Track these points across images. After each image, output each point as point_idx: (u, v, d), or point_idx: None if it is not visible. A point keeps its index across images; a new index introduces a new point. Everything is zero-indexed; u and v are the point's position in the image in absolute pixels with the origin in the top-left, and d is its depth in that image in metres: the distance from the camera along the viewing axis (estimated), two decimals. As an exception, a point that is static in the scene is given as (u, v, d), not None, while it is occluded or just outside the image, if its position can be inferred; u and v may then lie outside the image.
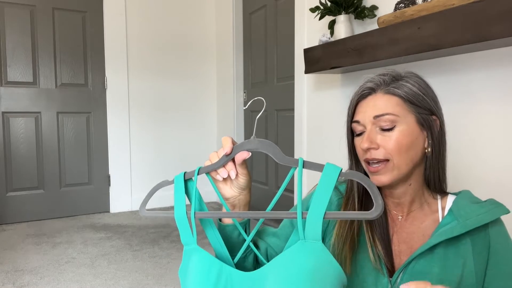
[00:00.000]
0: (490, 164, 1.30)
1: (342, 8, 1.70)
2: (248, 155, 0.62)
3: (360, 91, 0.73)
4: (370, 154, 0.69)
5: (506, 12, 1.04)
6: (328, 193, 0.54)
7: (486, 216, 0.65)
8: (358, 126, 0.72)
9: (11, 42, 2.75)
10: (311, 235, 0.55)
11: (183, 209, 0.63)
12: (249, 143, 0.61)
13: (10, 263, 2.06)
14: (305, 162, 0.57)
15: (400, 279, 0.68)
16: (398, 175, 0.69)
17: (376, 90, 0.71)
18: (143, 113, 3.19)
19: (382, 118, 0.68)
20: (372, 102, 0.70)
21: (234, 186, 0.67)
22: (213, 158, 0.65)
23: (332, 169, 0.55)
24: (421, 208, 0.74)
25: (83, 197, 3.03)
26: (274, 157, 0.61)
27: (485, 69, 1.29)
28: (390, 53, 1.40)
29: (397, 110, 0.68)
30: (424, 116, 0.69)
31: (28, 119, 2.84)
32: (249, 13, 3.02)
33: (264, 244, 0.77)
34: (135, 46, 3.11)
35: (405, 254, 0.71)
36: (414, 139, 0.69)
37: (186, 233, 0.63)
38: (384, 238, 0.72)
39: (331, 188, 0.54)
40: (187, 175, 0.64)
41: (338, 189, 0.80)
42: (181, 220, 0.63)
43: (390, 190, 0.74)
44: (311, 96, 2.19)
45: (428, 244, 0.65)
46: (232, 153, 0.62)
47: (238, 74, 3.14)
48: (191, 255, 0.63)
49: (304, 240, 0.55)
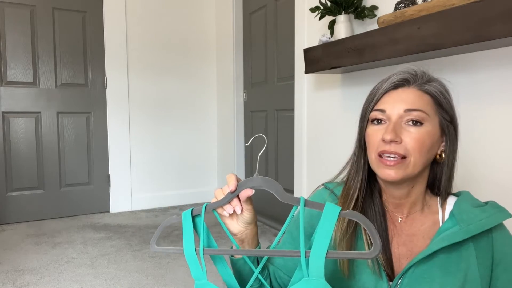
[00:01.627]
0: (490, 164, 1.30)
1: (342, 8, 1.70)
2: (252, 192, 0.64)
3: (394, 79, 0.69)
4: (390, 147, 0.66)
5: (506, 12, 1.04)
6: (329, 232, 0.56)
7: (489, 221, 0.64)
8: (381, 115, 0.69)
9: (11, 42, 2.75)
10: (315, 272, 0.57)
11: (191, 245, 0.64)
12: (252, 181, 0.64)
13: (10, 263, 2.06)
14: (306, 201, 0.59)
15: (400, 284, 0.67)
16: (410, 174, 0.67)
17: (410, 84, 0.69)
18: (143, 113, 3.19)
19: (414, 114, 0.66)
20: (405, 94, 0.68)
21: (240, 221, 0.68)
22: (218, 194, 0.67)
23: (332, 209, 0.57)
24: (421, 211, 0.73)
25: (83, 197, 3.03)
26: (277, 195, 0.62)
27: (485, 69, 1.29)
28: (390, 53, 1.40)
29: (428, 109, 0.67)
30: (446, 122, 0.69)
31: (28, 119, 2.84)
32: (249, 13, 3.02)
33: (272, 267, 0.78)
34: (135, 46, 3.11)
35: (405, 257, 0.70)
36: (434, 141, 0.68)
37: (196, 269, 0.65)
38: (383, 241, 0.70)
39: (332, 227, 0.56)
40: (194, 212, 0.66)
41: (334, 193, 0.78)
42: (191, 256, 0.64)
43: (393, 189, 0.72)
44: (311, 96, 2.19)
45: (430, 250, 0.64)
46: (237, 190, 0.64)
47: (238, 74, 3.14)
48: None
49: (308, 278, 0.57)
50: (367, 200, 0.73)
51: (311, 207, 0.59)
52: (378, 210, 0.72)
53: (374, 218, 0.72)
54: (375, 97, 0.70)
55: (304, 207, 0.59)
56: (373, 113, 0.70)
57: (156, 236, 0.69)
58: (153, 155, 3.24)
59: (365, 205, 0.72)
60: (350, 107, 1.92)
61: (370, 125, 0.71)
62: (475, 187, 1.32)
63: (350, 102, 1.92)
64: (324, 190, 0.80)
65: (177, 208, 3.27)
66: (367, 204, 0.73)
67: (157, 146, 3.26)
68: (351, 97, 1.91)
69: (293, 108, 2.38)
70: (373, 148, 0.69)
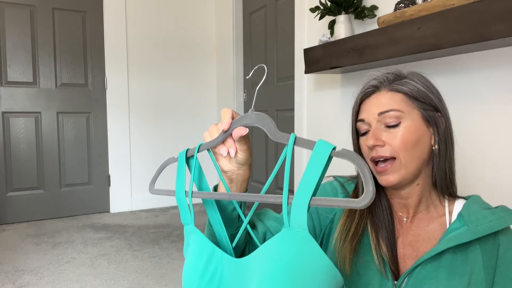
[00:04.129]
0: (490, 165, 1.30)
1: (342, 8, 1.70)
2: (246, 131, 0.60)
3: (364, 89, 0.73)
4: (376, 151, 0.68)
5: (506, 12, 1.04)
6: (317, 175, 0.49)
7: (497, 223, 0.63)
8: (363, 125, 0.71)
9: (11, 42, 2.75)
10: (296, 222, 0.49)
11: (182, 188, 0.63)
12: (247, 118, 0.59)
13: (10, 263, 2.06)
14: (297, 138, 0.53)
15: (406, 284, 0.66)
16: (406, 174, 0.67)
17: (380, 88, 0.71)
18: (143, 113, 3.19)
19: (387, 115, 0.67)
20: (376, 99, 0.70)
21: (233, 161, 0.65)
22: (212, 131, 0.64)
23: (324, 146, 0.50)
24: (427, 211, 0.72)
25: (83, 197, 3.03)
26: (268, 132, 0.57)
27: (485, 69, 1.29)
28: (390, 53, 1.40)
29: (401, 106, 0.67)
30: (429, 112, 0.68)
31: (28, 119, 2.84)
32: (249, 13, 3.02)
33: (263, 227, 0.73)
34: (135, 46, 3.11)
35: (410, 258, 0.70)
36: (420, 135, 0.67)
37: (185, 213, 0.64)
38: (391, 240, 0.70)
39: (321, 168, 0.49)
40: (189, 153, 0.64)
41: (345, 188, 0.78)
42: (180, 199, 0.63)
43: (397, 190, 0.72)
44: (311, 96, 2.19)
45: (436, 250, 0.64)
46: (230, 128, 0.61)
47: (238, 74, 3.14)
48: (190, 234, 0.64)
49: (289, 228, 0.50)
50: (375, 200, 0.73)
51: (302, 145, 0.53)
52: (385, 209, 0.73)
53: (382, 218, 0.72)
54: (354, 109, 0.74)
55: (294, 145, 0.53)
56: (357, 124, 0.73)
57: (155, 178, 0.70)
58: (153, 155, 3.24)
59: (373, 205, 0.73)
60: (350, 107, 1.91)
61: (360, 137, 0.73)
62: (475, 188, 1.32)
63: (350, 102, 1.92)
64: (334, 182, 0.80)
65: (177, 208, 3.26)
66: (375, 204, 0.73)
67: (157, 146, 3.26)
68: (351, 97, 1.90)
69: (293, 108, 2.38)
70: (367, 158, 0.71)
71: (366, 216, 0.72)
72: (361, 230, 0.71)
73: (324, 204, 0.49)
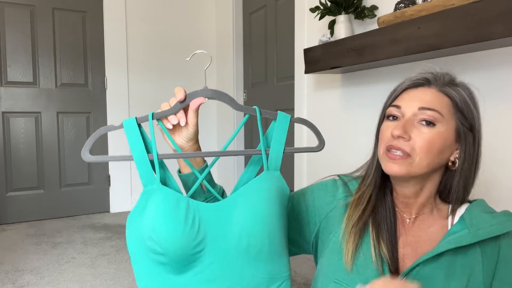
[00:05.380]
0: (489, 165, 1.30)
1: (342, 8, 1.70)
2: (205, 100, 0.66)
3: (415, 78, 0.70)
4: (398, 142, 0.66)
5: (506, 12, 1.04)
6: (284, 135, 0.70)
7: (498, 228, 0.63)
8: (396, 111, 0.69)
9: (11, 42, 2.75)
10: (273, 166, 0.69)
11: (142, 149, 0.64)
12: (203, 92, 0.65)
13: (10, 263, 2.06)
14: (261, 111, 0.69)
15: None
16: (413, 172, 0.66)
17: (431, 84, 0.68)
18: (143, 113, 3.15)
19: (427, 112, 0.65)
20: (423, 93, 0.67)
21: (182, 136, 0.69)
22: (164, 107, 0.66)
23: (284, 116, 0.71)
24: (430, 213, 0.72)
25: (83, 197, 3.03)
26: (231, 105, 0.69)
27: (485, 69, 1.29)
28: (390, 53, 1.40)
29: (444, 111, 0.65)
30: (464, 128, 0.66)
31: (28, 119, 2.84)
32: (249, 13, 3.02)
33: None
34: (135, 46, 3.11)
35: (409, 258, 0.70)
36: (446, 145, 0.66)
37: (147, 174, 0.64)
38: (392, 240, 0.70)
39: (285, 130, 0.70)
40: (139, 119, 0.65)
41: (348, 187, 0.78)
42: (142, 160, 0.64)
43: (401, 187, 0.71)
44: (311, 96, 2.19)
45: (436, 251, 0.64)
46: (186, 100, 0.64)
47: (238, 74, 3.14)
48: (151, 195, 0.63)
49: (267, 170, 0.69)
50: (379, 197, 0.73)
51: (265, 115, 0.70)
52: (388, 208, 0.72)
53: (384, 216, 0.71)
54: (395, 93, 0.71)
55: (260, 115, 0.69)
56: (389, 108, 0.70)
57: (89, 143, 0.65)
58: (153, 155, 3.24)
59: (377, 203, 0.73)
60: (350, 107, 1.92)
61: (385, 121, 0.71)
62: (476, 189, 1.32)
63: (350, 102, 1.92)
64: (337, 181, 0.80)
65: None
66: (379, 201, 0.73)
67: (157, 146, 3.25)
68: (351, 97, 1.91)
69: (293, 108, 2.38)
70: (382, 143, 0.69)
71: (370, 211, 0.72)
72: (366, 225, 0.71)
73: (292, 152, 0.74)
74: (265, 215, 0.64)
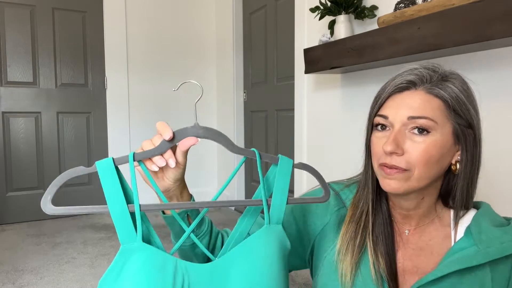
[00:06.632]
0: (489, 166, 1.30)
1: (342, 8, 1.70)
2: (197, 141, 0.56)
3: (398, 82, 0.61)
4: (390, 159, 0.59)
5: (506, 12, 1.04)
6: (287, 183, 0.61)
7: (510, 246, 0.57)
8: (383, 121, 0.62)
9: (11, 42, 2.75)
10: (274, 219, 0.60)
11: (121, 199, 0.53)
12: (194, 129, 0.55)
13: (10, 263, 2.06)
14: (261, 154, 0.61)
15: None
16: (413, 187, 0.60)
17: (417, 86, 0.60)
18: (143, 113, 3.18)
19: (418, 121, 0.58)
20: (410, 99, 0.59)
21: (168, 177, 0.59)
22: (146, 146, 0.57)
23: (286, 161, 0.61)
24: (431, 222, 0.66)
25: (83, 197, 3.03)
26: (227, 147, 0.59)
27: (485, 69, 1.29)
28: (390, 53, 1.40)
29: (436, 116, 0.58)
30: (462, 128, 0.60)
31: (28, 119, 2.84)
32: (249, 13, 3.02)
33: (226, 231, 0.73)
34: (135, 46, 3.11)
35: (409, 273, 0.64)
36: (445, 152, 0.59)
37: (127, 229, 0.53)
38: (390, 254, 0.65)
39: (288, 177, 0.61)
40: (117, 161, 0.55)
41: (340, 196, 0.72)
42: (120, 213, 0.53)
43: (399, 200, 0.66)
44: (311, 96, 2.19)
45: (441, 272, 0.58)
46: (175, 139, 0.55)
47: (238, 74, 3.14)
48: (131, 254, 0.53)
49: (269, 225, 0.60)
50: (375, 209, 0.67)
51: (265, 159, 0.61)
52: (384, 219, 0.67)
53: (380, 228, 0.66)
54: (379, 100, 0.63)
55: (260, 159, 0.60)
56: (376, 118, 0.63)
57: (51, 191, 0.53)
58: (153, 155, 3.24)
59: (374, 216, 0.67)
60: (350, 107, 1.92)
61: (375, 131, 0.64)
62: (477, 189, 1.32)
63: (350, 102, 1.92)
64: None
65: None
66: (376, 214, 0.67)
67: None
68: (351, 97, 1.91)
69: (293, 108, 2.38)
70: (375, 158, 0.63)
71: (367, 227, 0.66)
72: (363, 242, 0.66)
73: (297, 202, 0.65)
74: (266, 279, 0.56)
